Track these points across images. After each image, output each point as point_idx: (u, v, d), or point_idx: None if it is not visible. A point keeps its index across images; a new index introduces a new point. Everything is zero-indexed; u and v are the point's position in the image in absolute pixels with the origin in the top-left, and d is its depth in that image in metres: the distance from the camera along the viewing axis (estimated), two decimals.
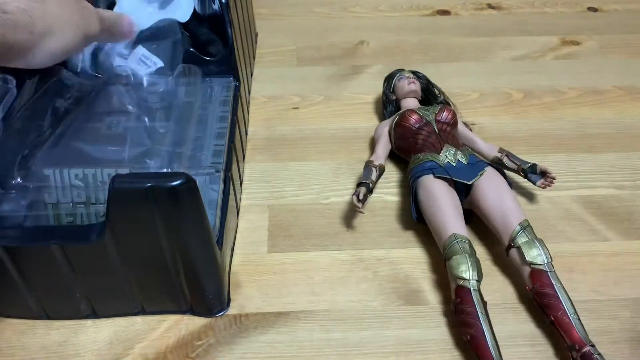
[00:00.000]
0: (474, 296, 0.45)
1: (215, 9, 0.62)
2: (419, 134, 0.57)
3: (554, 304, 0.45)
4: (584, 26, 0.88)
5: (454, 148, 0.55)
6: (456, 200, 0.53)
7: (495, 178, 0.54)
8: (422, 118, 0.58)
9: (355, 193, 0.54)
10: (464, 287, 0.46)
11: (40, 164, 0.48)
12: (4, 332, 0.47)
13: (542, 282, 0.46)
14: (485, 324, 0.44)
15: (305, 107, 0.72)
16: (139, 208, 0.39)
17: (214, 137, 0.54)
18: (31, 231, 0.44)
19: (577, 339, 0.43)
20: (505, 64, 0.80)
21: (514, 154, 0.58)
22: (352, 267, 0.53)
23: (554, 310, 0.45)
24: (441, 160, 0.54)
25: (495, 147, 0.60)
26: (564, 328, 0.44)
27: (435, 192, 0.52)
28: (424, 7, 0.93)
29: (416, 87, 0.65)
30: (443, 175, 0.53)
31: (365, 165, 0.58)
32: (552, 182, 0.55)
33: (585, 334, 0.44)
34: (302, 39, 0.84)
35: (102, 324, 0.48)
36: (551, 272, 0.47)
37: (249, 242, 0.55)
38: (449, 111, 0.58)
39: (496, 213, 0.51)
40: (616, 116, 0.70)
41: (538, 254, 0.48)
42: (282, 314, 0.49)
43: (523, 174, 0.57)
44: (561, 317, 0.44)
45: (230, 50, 0.61)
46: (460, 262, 0.47)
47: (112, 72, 0.57)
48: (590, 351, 0.42)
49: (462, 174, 0.53)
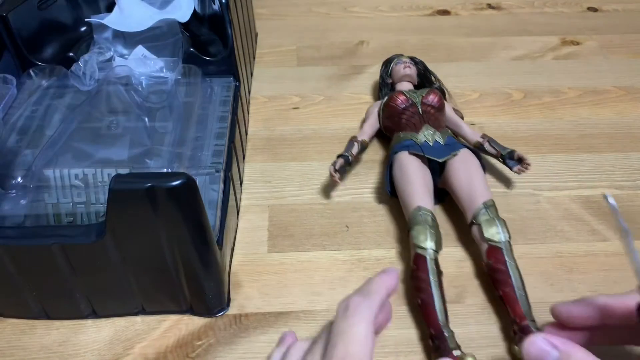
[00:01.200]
0: (429, 264, 0.48)
1: (215, 9, 0.62)
2: (403, 114, 0.60)
3: (504, 279, 0.47)
4: (584, 26, 0.88)
5: (433, 129, 0.58)
6: (427, 176, 0.55)
7: (469, 159, 0.56)
8: (408, 99, 0.60)
9: (333, 163, 0.56)
10: (421, 256, 0.48)
11: (40, 164, 0.48)
12: (4, 332, 0.47)
13: (496, 259, 0.48)
14: (436, 290, 0.46)
15: (305, 107, 0.72)
16: (139, 208, 0.39)
17: (214, 137, 0.54)
18: (31, 231, 0.44)
19: (519, 313, 0.45)
20: (505, 64, 0.80)
21: (495, 140, 0.60)
22: (352, 267, 0.53)
23: (503, 286, 0.47)
24: (419, 139, 0.57)
25: (479, 133, 0.62)
26: (510, 303, 0.46)
27: (407, 167, 0.55)
28: (424, 7, 0.93)
29: (411, 71, 0.67)
30: (417, 152, 0.56)
31: (349, 140, 0.61)
32: (527, 167, 0.57)
33: (529, 310, 0.46)
34: (302, 39, 0.84)
35: (102, 324, 0.48)
36: (507, 250, 0.49)
37: (249, 242, 0.55)
38: (436, 94, 0.60)
39: (464, 191, 0.53)
40: (616, 116, 0.70)
41: (496, 232, 0.50)
42: (282, 314, 0.49)
43: (501, 159, 0.59)
44: (509, 293, 0.47)
45: (230, 50, 0.61)
46: (420, 232, 0.49)
47: (112, 72, 0.57)
48: (528, 325, 0.44)
49: (435, 152, 0.56)
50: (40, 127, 0.53)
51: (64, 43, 0.64)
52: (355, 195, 0.60)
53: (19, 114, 0.54)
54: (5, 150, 0.50)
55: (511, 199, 0.59)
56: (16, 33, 0.58)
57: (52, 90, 0.58)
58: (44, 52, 0.62)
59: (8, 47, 0.59)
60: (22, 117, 0.54)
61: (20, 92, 0.57)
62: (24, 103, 0.55)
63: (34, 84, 0.58)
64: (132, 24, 0.61)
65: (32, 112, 0.55)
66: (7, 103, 0.55)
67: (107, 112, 0.54)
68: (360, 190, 0.60)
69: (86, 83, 0.57)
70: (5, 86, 0.56)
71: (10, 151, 0.50)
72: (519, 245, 0.54)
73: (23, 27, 0.59)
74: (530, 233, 0.56)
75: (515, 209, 0.58)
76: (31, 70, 0.59)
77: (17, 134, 0.52)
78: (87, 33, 0.65)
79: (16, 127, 0.53)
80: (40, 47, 0.61)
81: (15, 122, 0.53)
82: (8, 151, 0.50)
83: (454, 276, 0.52)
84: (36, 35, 0.61)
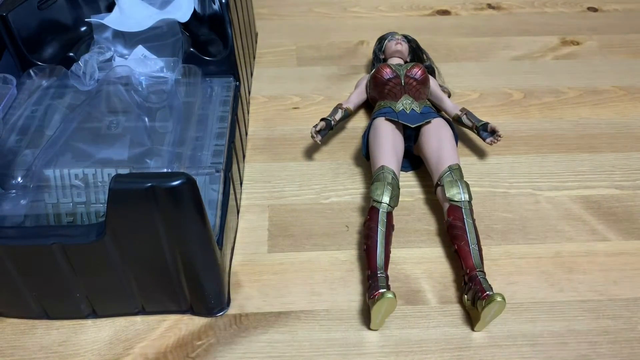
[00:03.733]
0: (381, 216, 0.51)
1: (215, 9, 0.62)
2: (387, 85, 0.63)
3: (460, 234, 0.50)
4: (584, 26, 0.88)
5: (411, 98, 0.61)
6: (398, 141, 0.58)
7: (442, 127, 0.59)
8: (393, 71, 0.63)
9: (315, 125, 0.60)
10: (374, 208, 0.52)
11: (40, 164, 0.48)
12: (4, 332, 0.47)
13: (455, 216, 0.52)
14: (381, 239, 0.50)
15: (305, 107, 0.72)
16: (139, 208, 0.39)
17: (214, 137, 0.54)
18: (31, 231, 0.44)
19: (471, 265, 0.49)
20: (505, 64, 0.80)
21: (472, 114, 0.64)
22: (352, 267, 0.53)
23: (459, 240, 0.50)
24: (397, 107, 0.60)
25: (459, 106, 0.66)
26: (463, 255, 0.49)
27: (380, 131, 0.58)
28: (424, 7, 0.93)
29: (402, 48, 0.70)
30: (392, 118, 0.59)
31: (335, 106, 0.65)
32: (498, 139, 0.59)
33: (480, 263, 0.49)
34: (302, 39, 0.84)
35: (102, 324, 0.48)
36: (466, 209, 0.52)
37: (249, 242, 0.55)
38: (420, 68, 0.63)
39: (433, 156, 0.57)
40: (616, 116, 0.70)
41: (457, 192, 0.53)
42: (282, 314, 0.49)
43: (476, 131, 0.62)
44: (463, 247, 0.50)
45: (230, 50, 0.61)
46: (378, 187, 0.53)
47: (112, 72, 0.57)
48: (476, 274, 0.48)
49: (409, 119, 0.59)
50: (40, 127, 0.53)
51: (64, 43, 0.64)
52: (355, 195, 0.60)
53: (19, 114, 0.54)
54: (5, 150, 0.50)
55: (511, 199, 0.59)
56: (16, 33, 0.58)
57: (52, 90, 0.58)
58: (44, 52, 0.62)
59: (8, 47, 0.59)
60: (22, 117, 0.54)
61: (20, 92, 0.57)
62: (24, 103, 0.55)
63: (34, 84, 0.58)
64: (132, 24, 0.61)
65: (32, 112, 0.55)
66: (7, 103, 0.55)
67: (107, 112, 0.54)
68: (360, 190, 0.60)
69: (86, 83, 0.57)
70: (5, 86, 0.56)
71: (10, 151, 0.50)
72: (519, 245, 0.54)
73: (23, 27, 0.59)
74: (530, 233, 0.56)
75: (515, 209, 0.58)
76: (31, 70, 0.59)
77: (17, 134, 0.52)
78: (87, 33, 0.65)
79: (16, 127, 0.53)
80: (40, 47, 0.61)
81: (15, 122, 0.53)
82: (8, 151, 0.50)
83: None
84: (36, 35, 0.61)
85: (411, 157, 0.62)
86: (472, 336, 0.47)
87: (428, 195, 0.60)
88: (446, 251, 0.54)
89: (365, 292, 0.49)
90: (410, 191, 0.60)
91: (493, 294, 0.44)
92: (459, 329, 0.48)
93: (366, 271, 0.49)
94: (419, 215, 0.58)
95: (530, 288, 0.51)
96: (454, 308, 0.49)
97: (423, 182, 0.61)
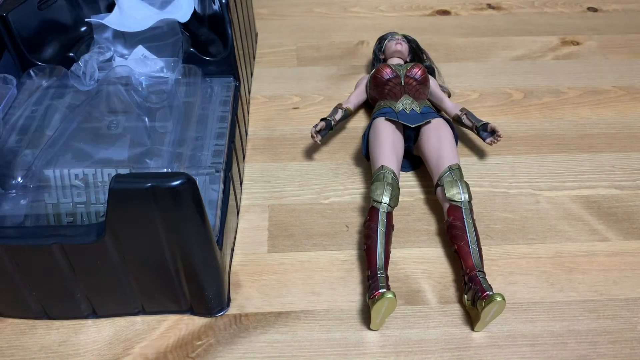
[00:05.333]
0: (381, 216, 0.51)
1: (215, 9, 0.62)
2: (387, 85, 0.63)
3: (460, 235, 0.51)
4: (584, 26, 0.88)
5: (411, 98, 0.61)
6: (398, 141, 0.58)
7: (442, 127, 0.59)
8: (393, 71, 0.63)
9: (315, 125, 0.60)
10: (374, 208, 0.52)
11: (40, 164, 0.48)
12: (4, 332, 0.47)
13: (455, 216, 0.52)
14: (381, 239, 0.50)
15: (305, 107, 0.72)
16: (139, 208, 0.39)
17: (214, 137, 0.54)
18: (31, 231, 0.44)
19: (470, 264, 0.49)
20: (505, 64, 0.80)
21: (472, 114, 0.63)
22: (352, 267, 0.53)
23: (459, 240, 0.50)
24: (397, 107, 0.60)
25: (459, 106, 0.65)
26: (463, 256, 0.49)
27: (380, 131, 0.58)
28: (424, 7, 0.93)
29: (402, 48, 0.70)
30: (392, 118, 0.59)
31: (335, 106, 0.65)
32: (498, 139, 0.59)
33: (480, 263, 0.49)
34: (302, 39, 0.84)
35: (102, 324, 0.48)
36: (466, 209, 0.52)
37: (249, 242, 0.55)
38: (419, 68, 0.63)
39: (433, 156, 0.57)
40: (616, 116, 0.70)
41: (457, 192, 0.53)
42: (282, 314, 0.49)
43: (476, 131, 0.62)
44: (463, 247, 0.50)
45: (230, 51, 0.61)
46: (378, 187, 0.53)
47: (112, 72, 0.57)
48: (476, 274, 0.48)
49: (409, 119, 0.59)
50: (40, 127, 0.53)
51: (64, 43, 0.64)
52: (355, 195, 0.60)
53: (19, 114, 0.54)
54: (5, 150, 0.50)
55: (511, 199, 0.59)
56: (16, 33, 0.58)
57: (52, 90, 0.58)
58: (44, 52, 0.62)
59: (8, 47, 0.59)
60: (22, 117, 0.54)
61: (20, 92, 0.57)
62: (24, 103, 0.55)
63: (34, 84, 0.58)
64: (132, 24, 0.61)
65: (32, 112, 0.55)
66: (7, 103, 0.55)
67: (107, 112, 0.54)
68: (360, 190, 0.60)
69: (86, 83, 0.57)
70: (5, 86, 0.56)
71: (10, 151, 0.50)
72: (519, 245, 0.54)
73: (23, 27, 0.59)
74: (530, 233, 0.56)
75: (515, 209, 0.58)
76: (31, 70, 0.59)
77: (17, 134, 0.52)
78: (87, 33, 0.65)
79: (16, 127, 0.53)
80: (40, 47, 0.61)
81: (15, 122, 0.53)
82: (8, 151, 0.50)
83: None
84: (36, 35, 0.61)
85: (411, 157, 0.62)
86: (472, 336, 0.47)
87: (428, 195, 0.60)
88: (446, 251, 0.54)
89: (365, 292, 0.49)
90: (410, 191, 0.60)
91: (493, 294, 0.44)
92: (459, 329, 0.48)
93: (366, 271, 0.49)
94: (419, 215, 0.58)
95: (530, 288, 0.51)
96: (454, 308, 0.49)
97: (423, 182, 0.61)
